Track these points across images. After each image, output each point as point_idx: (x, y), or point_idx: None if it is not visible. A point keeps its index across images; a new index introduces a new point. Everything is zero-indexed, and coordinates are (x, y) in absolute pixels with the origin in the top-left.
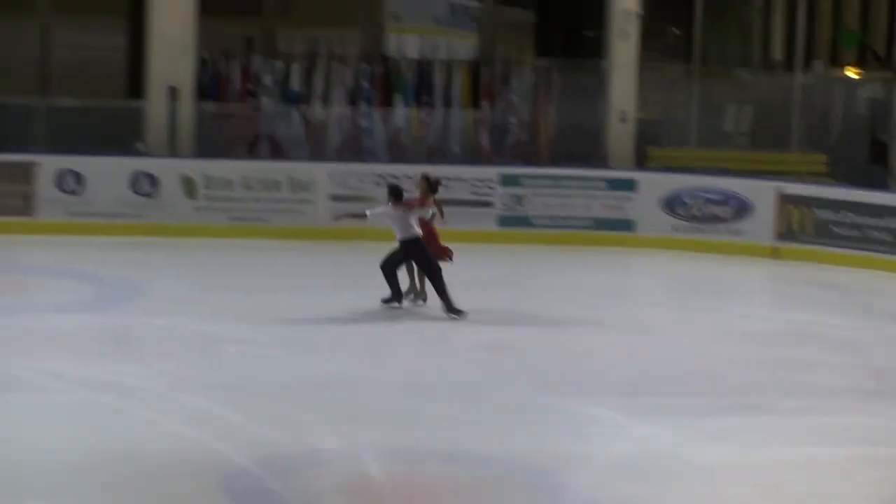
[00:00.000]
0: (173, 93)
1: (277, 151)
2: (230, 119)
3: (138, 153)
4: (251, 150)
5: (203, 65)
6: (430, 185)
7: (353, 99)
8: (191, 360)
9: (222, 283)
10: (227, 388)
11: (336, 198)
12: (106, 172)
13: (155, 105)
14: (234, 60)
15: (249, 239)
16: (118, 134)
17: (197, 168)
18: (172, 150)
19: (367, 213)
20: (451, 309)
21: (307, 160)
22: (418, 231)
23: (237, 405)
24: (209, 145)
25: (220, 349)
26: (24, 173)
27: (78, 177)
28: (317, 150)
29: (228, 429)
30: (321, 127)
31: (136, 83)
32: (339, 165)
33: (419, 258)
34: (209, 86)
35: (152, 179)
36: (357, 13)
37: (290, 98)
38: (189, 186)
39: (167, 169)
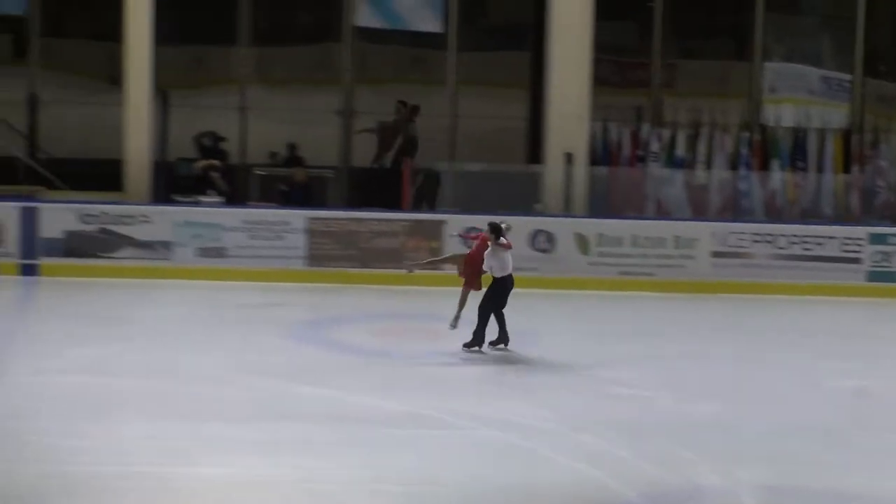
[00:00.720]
0: (569, 158)
1: (663, 211)
2: (620, 182)
3: (537, 213)
4: (639, 211)
5: (596, 133)
6: (494, 231)
7: (733, 164)
8: (584, 400)
9: (611, 330)
10: (617, 428)
11: (717, 254)
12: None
13: (552, 169)
14: (625, 128)
15: (636, 291)
16: (519, 195)
17: (590, 226)
18: (568, 210)
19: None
20: (477, 343)
21: (691, 219)
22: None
23: (627, 444)
24: (601, 206)
25: (611, 391)
26: (434, 231)
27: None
28: (699, 210)
29: (619, 466)
30: (703, 189)
31: (535, 149)
32: (720, 224)
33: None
34: (601, 151)
35: (549, 236)
36: (737, 86)
37: (675, 163)
38: (582, 243)
39: (563, 227)
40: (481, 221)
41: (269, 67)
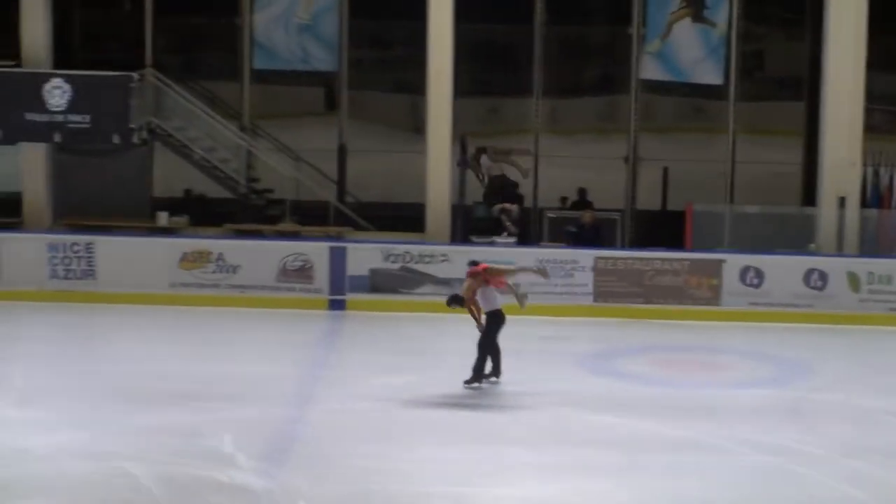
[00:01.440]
0: (842, 202)
1: None
2: (890, 223)
3: (811, 253)
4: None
5: (867, 177)
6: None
7: None
8: (854, 427)
9: (881, 363)
10: (886, 453)
11: None
12: (782, 268)
13: (825, 211)
14: None
15: None
16: (793, 236)
17: (861, 265)
18: (840, 250)
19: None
20: (478, 378)
21: None
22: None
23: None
24: (871, 246)
25: (881, 419)
26: (714, 269)
27: (758, 272)
28: None
29: (886, 491)
30: None
31: (809, 193)
32: None
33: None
34: (872, 195)
35: (822, 275)
36: None
37: None
38: (854, 281)
39: (835, 266)
40: (757, 261)
41: (560, 117)
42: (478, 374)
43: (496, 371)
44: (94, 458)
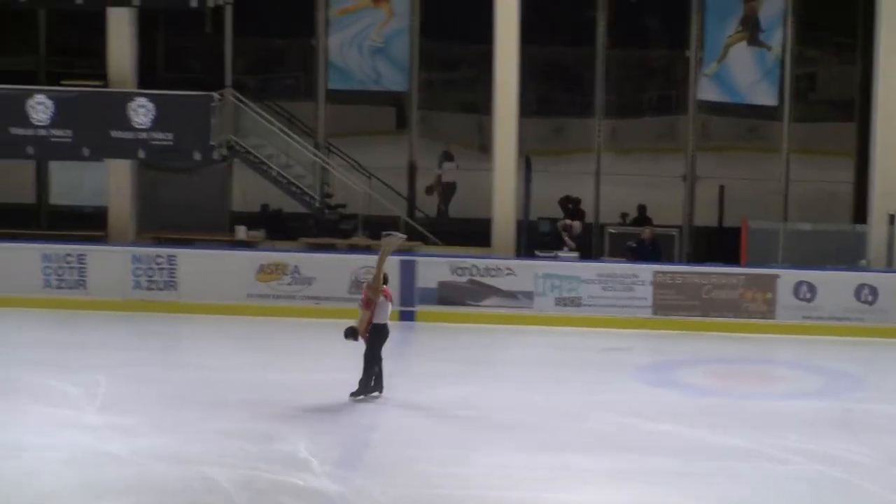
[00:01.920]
0: (892, 219)
1: None
2: None
3: (861, 268)
4: None
5: None
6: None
7: None
8: None
9: None
10: None
11: None
12: (834, 283)
13: (876, 229)
14: None
15: None
16: (844, 252)
17: None
18: (890, 266)
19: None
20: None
21: None
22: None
23: None
24: None
25: None
26: (768, 284)
27: (811, 287)
28: None
29: None
30: None
31: (860, 211)
32: None
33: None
34: None
35: (873, 290)
36: None
37: None
38: None
39: (885, 281)
40: (810, 276)
41: (621, 137)
42: (363, 388)
43: (378, 386)
44: (175, 461)
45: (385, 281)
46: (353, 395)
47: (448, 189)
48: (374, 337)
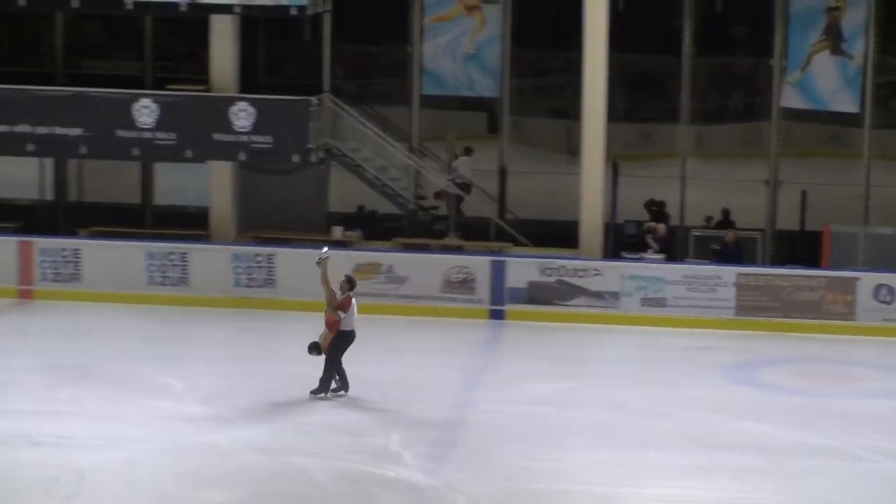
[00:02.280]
0: None
1: None
2: None
3: None
4: None
5: None
6: (351, 284)
7: None
8: None
9: None
10: None
11: None
12: None
13: None
14: None
15: None
16: None
17: None
18: None
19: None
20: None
21: None
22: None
23: None
24: None
25: None
26: (848, 286)
27: (891, 290)
28: None
29: None
30: None
31: None
32: None
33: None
34: None
35: None
36: None
37: None
38: None
39: None
40: (891, 279)
41: (706, 142)
42: (324, 386)
43: (344, 385)
44: (271, 452)
45: (352, 286)
46: (313, 392)
47: (463, 188)
48: (340, 341)
